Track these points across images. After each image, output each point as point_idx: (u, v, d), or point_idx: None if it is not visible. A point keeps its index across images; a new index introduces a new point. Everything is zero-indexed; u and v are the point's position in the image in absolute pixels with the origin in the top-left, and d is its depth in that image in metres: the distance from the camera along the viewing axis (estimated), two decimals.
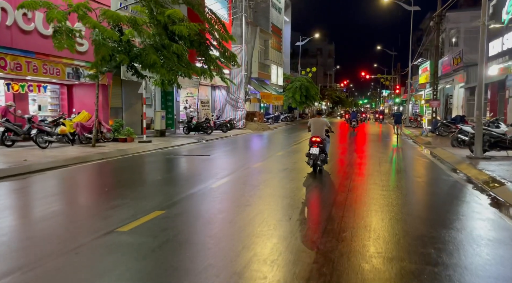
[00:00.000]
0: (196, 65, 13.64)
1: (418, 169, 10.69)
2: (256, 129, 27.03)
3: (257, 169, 9.61)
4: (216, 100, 27.61)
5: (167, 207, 5.70)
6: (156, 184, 7.83)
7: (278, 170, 9.45)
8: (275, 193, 6.87)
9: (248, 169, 9.66)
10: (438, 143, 16.22)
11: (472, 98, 21.77)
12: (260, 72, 36.42)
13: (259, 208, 5.80)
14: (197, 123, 20.84)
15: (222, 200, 6.39)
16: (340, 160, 11.88)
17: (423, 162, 11.77)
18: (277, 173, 9.07)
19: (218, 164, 10.90)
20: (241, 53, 27.26)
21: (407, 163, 11.89)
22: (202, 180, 8.07)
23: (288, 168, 9.85)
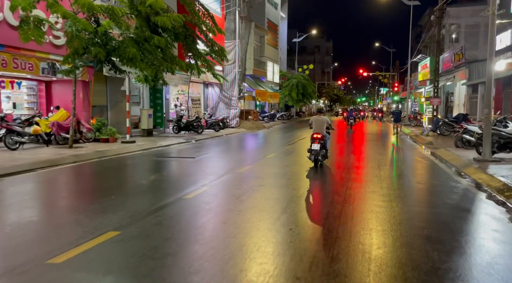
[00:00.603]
0: (182, 60, 12.66)
1: (421, 173, 9.74)
2: (251, 128, 26.07)
3: (244, 174, 8.65)
4: (209, 98, 26.60)
5: (125, 226, 4.74)
6: (124, 193, 6.85)
7: (267, 175, 8.48)
8: (260, 207, 5.91)
9: (234, 173, 8.70)
10: (441, 143, 15.30)
11: (474, 95, 20.88)
12: (255, 69, 35.41)
13: (238, 228, 4.85)
14: (187, 122, 19.86)
15: (194, 216, 5.41)
16: (336, 162, 10.93)
17: (426, 164, 10.83)
18: (265, 179, 8.10)
19: (202, 167, 9.92)
20: (234, 49, 26.28)
21: (409, 166, 10.95)
22: (178, 188, 7.10)
23: (278, 172, 8.88)
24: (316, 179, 8.25)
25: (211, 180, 7.77)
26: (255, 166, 9.77)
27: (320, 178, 8.46)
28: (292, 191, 6.97)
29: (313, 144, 9.36)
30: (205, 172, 9.14)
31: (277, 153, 13.08)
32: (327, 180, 8.29)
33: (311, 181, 8.07)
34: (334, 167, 9.94)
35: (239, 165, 10.03)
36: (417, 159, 12.18)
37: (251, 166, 9.74)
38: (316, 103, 75.54)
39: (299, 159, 11.46)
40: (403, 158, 12.66)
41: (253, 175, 8.61)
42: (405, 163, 11.35)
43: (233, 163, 10.63)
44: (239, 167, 9.61)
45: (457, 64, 23.35)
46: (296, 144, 16.58)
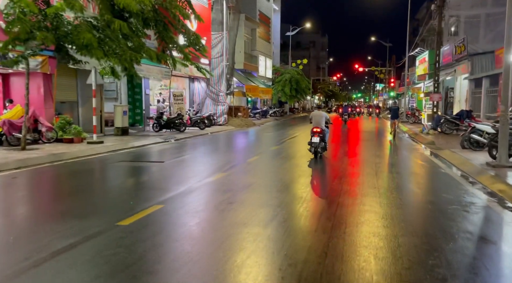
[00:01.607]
0: (152, 49, 11.08)
1: (427, 183, 8.23)
2: (239, 125, 24.52)
3: (213, 185, 7.13)
4: (195, 94, 25.01)
5: (16, 274, 3.20)
6: (46, 215, 5.27)
7: (240, 187, 6.95)
8: (218, 238, 4.39)
9: (201, 184, 7.17)
10: (443, 143, 13.84)
11: (478, 90, 19.45)
12: (246, 64, 33.83)
13: (180, 274, 3.33)
14: (168, 119, 18.28)
15: (106, 264, 3.88)
16: (328, 168, 9.44)
17: (432, 170, 9.34)
18: (236, 193, 6.59)
19: (165, 175, 8.37)
20: (222, 41, 24.66)
21: (411, 172, 9.46)
22: (119, 208, 5.55)
23: (254, 182, 7.35)
24: (299, 190, 6.75)
25: (167, 195, 6.23)
26: (230, 174, 8.23)
27: (305, 188, 6.95)
28: (268, 211, 5.46)
29: (313, 137, 10.07)
30: (165, 181, 7.59)
31: (261, 155, 11.55)
32: (314, 192, 6.78)
33: (291, 194, 6.56)
34: (325, 175, 8.44)
35: (212, 171, 8.49)
36: (420, 162, 10.70)
37: (225, 173, 8.21)
38: (311, 100, 74.10)
39: (286, 163, 9.95)
40: (404, 161, 11.19)
41: (224, 186, 7.08)
42: (407, 169, 9.86)
43: (206, 169, 9.09)
44: (211, 174, 8.08)
45: (458, 57, 21.89)
46: (285, 143, 15.04)
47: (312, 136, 10.17)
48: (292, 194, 6.56)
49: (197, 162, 10.43)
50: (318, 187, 7.16)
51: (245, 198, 6.15)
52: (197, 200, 6.07)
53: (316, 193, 6.67)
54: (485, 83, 17.99)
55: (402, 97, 46.25)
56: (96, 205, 5.76)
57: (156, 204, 5.56)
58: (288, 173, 8.39)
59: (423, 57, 30.21)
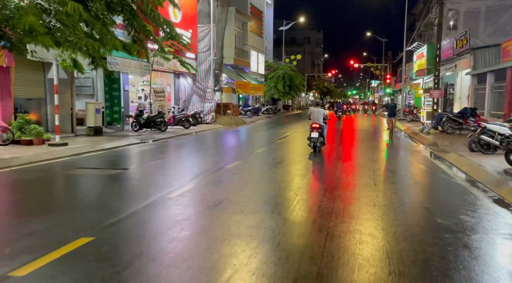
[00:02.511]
0: (118, 39, 9.62)
1: (438, 199, 6.67)
2: (228, 124, 23.11)
3: (174, 203, 5.73)
4: (181, 90, 23.54)
5: None
6: None
7: (203, 209, 5.55)
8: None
9: (161, 201, 5.78)
10: (447, 145, 12.55)
11: (481, 86, 18.20)
12: (236, 59, 32.36)
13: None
14: (148, 118, 16.83)
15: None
16: (319, 178, 8.09)
17: (440, 180, 7.97)
18: (200, 213, 5.21)
19: (119, 189, 6.95)
20: (209, 34, 23.18)
21: (417, 182, 8.09)
22: (24, 245, 4.14)
23: (225, 199, 5.94)
24: (282, 211, 5.38)
25: (107, 221, 4.82)
26: (199, 187, 6.82)
27: (287, 207, 5.58)
28: (233, 251, 4.08)
29: (312, 132, 10.51)
30: (118, 198, 6.18)
31: (245, 159, 10.17)
32: (303, 214, 5.41)
33: (269, 217, 5.19)
34: (315, 187, 7.08)
35: (180, 182, 7.09)
36: (424, 169, 9.35)
37: (193, 186, 6.81)
38: (305, 97, 72.76)
39: (271, 170, 8.58)
40: (405, 167, 9.85)
41: (189, 204, 5.70)
42: (410, 177, 8.50)
43: (173, 180, 7.68)
44: (177, 186, 6.68)
45: (460, 51, 20.63)
46: (274, 145, 13.68)
47: (311, 131, 10.60)
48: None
49: (166, 169, 9.02)
50: (304, 207, 5.79)
51: (203, 227, 4.75)
52: (141, 229, 4.65)
53: (300, 215, 5.30)
54: (490, 78, 16.73)
55: (398, 94, 45.01)
56: (25, 230, 4.34)
57: (84, 236, 4.15)
58: (269, 185, 7.01)
59: (421, 52, 28.96)
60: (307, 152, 11.66)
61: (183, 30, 20.93)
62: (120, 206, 5.50)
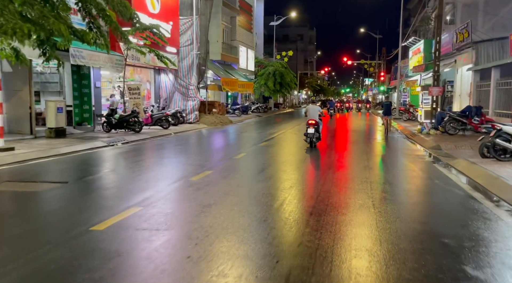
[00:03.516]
0: (63, 23, 7.99)
1: (462, 231, 4.84)
2: (213, 123, 21.52)
3: (93, 241, 4.16)
4: (162, 87, 21.89)
5: None
6: None
7: (130, 249, 3.99)
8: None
9: (78, 234, 4.22)
10: (452, 148, 11.11)
11: (484, 83, 16.81)
12: (224, 55, 30.74)
13: None
14: (121, 117, 15.19)
15: None
16: (305, 196, 6.56)
17: (456, 199, 6.42)
18: (111, 269, 3.65)
19: (41, 214, 5.37)
20: (191, 27, 21.55)
21: (427, 203, 6.50)
22: None
23: (162, 228, 4.39)
24: (248, 247, 3.84)
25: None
26: (142, 213, 5.23)
27: (258, 242, 4.03)
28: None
29: (309, 128, 11.08)
30: (33, 229, 4.60)
31: (217, 168, 8.61)
32: (274, 250, 3.87)
33: (225, 255, 3.64)
34: (297, 211, 5.53)
35: (112, 210, 5.50)
36: (431, 181, 7.81)
37: (139, 209, 5.24)
38: (298, 95, 71.32)
39: (244, 185, 7.03)
40: (409, 179, 8.35)
41: (111, 245, 4.14)
42: (418, 195, 6.95)
43: (108, 205, 6.09)
44: (102, 218, 5.10)
45: (460, 45, 19.24)
46: (257, 148, 12.13)
47: (307, 128, 11.21)
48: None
49: (116, 182, 7.42)
50: (277, 244, 4.26)
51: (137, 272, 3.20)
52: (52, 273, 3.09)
53: (268, 266, 3.76)
54: (495, 74, 15.34)
55: (392, 92, 43.71)
56: None
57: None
58: (236, 214, 5.44)
59: (418, 48, 27.57)
60: (294, 157, 10.16)
61: (162, 22, 19.30)
62: (27, 242, 3.92)
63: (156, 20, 18.32)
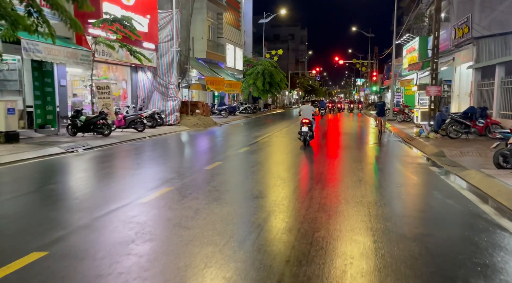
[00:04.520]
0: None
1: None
2: (195, 125, 19.95)
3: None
4: (139, 86, 20.27)
5: None
6: None
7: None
8: None
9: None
10: (457, 155, 9.72)
11: (487, 82, 15.52)
12: (210, 52, 29.20)
13: None
14: (87, 119, 13.57)
15: None
16: (281, 225, 5.08)
17: (479, 228, 4.98)
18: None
19: None
20: (171, 22, 19.98)
21: (448, 237, 5.02)
22: None
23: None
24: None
25: None
26: (50, 260, 3.71)
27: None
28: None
29: (303, 127, 11.72)
30: None
31: (176, 185, 7.08)
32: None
33: None
34: (275, 251, 4.04)
35: (38, 241, 3.98)
36: (444, 201, 6.35)
37: (45, 253, 3.71)
38: (289, 95, 69.94)
39: (208, 206, 5.51)
40: (417, 199, 6.90)
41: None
42: (432, 224, 5.47)
43: (35, 228, 4.56)
44: (20, 254, 3.57)
45: (459, 42, 17.94)
46: (236, 156, 10.61)
47: (301, 126, 11.70)
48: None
49: (46, 202, 5.86)
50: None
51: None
52: None
53: None
54: (500, 72, 14.03)
55: (385, 91, 42.53)
56: None
57: None
58: (178, 257, 3.92)
59: (412, 46, 26.32)
60: (276, 168, 8.68)
61: (138, 15, 17.71)
62: None
63: (131, 13, 16.71)
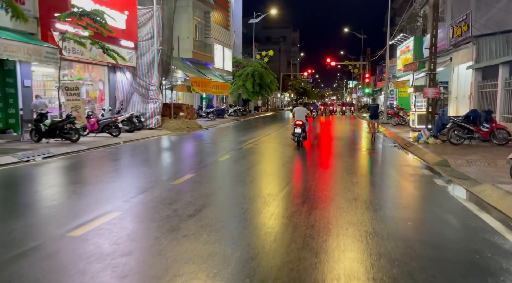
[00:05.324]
0: None
1: None
2: (178, 129, 18.66)
3: None
4: (118, 88, 18.93)
5: None
6: None
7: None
8: None
9: None
10: (463, 164, 8.59)
11: (488, 83, 14.48)
12: (197, 52, 27.95)
13: None
14: (52, 123, 12.23)
15: None
16: (256, 270, 3.83)
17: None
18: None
19: None
20: (152, 19, 18.70)
21: None
22: None
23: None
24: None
25: None
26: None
27: None
28: None
29: (296, 128, 11.99)
30: None
31: (125, 209, 5.81)
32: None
33: None
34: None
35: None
36: (464, 227, 5.22)
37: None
38: (281, 97, 68.81)
39: (158, 249, 4.24)
40: (427, 228, 5.72)
41: None
42: (455, 275, 4.31)
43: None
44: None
45: (458, 41, 16.93)
46: (214, 166, 9.34)
47: (295, 128, 11.92)
48: None
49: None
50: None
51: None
52: None
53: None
54: (503, 72, 12.98)
55: (378, 93, 41.59)
56: None
57: None
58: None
59: (407, 46, 25.33)
60: (257, 184, 7.46)
61: (115, 11, 16.42)
62: None
63: (105, 7, 15.41)
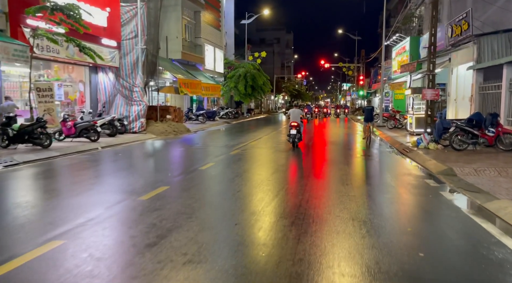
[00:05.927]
0: None
1: None
2: (164, 133, 17.65)
3: None
4: (100, 89, 17.90)
5: None
6: None
7: None
8: None
9: None
10: (471, 173, 7.70)
11: (490, 84, 13.67)
12: (186, 53, 26.96)
13: None
14: (21, 127, 11.20)
15: None
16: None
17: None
18: None
19: None
20: (136, 17, 17.71)
21: None
22: None
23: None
24: None
25: None
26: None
27: None
28: None
29: (291, 130, 12.29)
30: None
31: (81, 230, 4.83)
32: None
33: None
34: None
35: None
36: (486, 261, 4.28)
37: None
38: (275, 100, 68.01)
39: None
40: (443, 264, 4.79)
41: None
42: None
43: None
44: None
45: (457, 40, 16.16)
46: (194, 176, 8.36)
47: (290, 129, 12.37)
48: None
49: None
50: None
51: None
52: None
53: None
54: (508, 73, 12.17)
55: (373, 96, 40.88)
56: None
57: None
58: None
59: (402, 47, 24.60)
60: (241, 199, 6.50)
61: (95, 7, 15.43)
62: None
63: (84, 3, 14.41)
